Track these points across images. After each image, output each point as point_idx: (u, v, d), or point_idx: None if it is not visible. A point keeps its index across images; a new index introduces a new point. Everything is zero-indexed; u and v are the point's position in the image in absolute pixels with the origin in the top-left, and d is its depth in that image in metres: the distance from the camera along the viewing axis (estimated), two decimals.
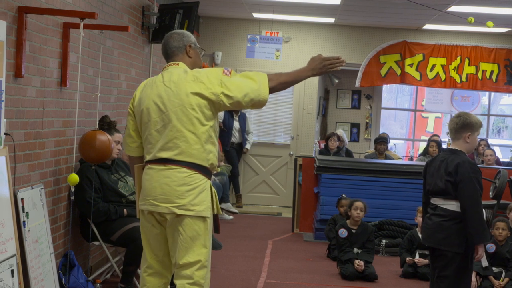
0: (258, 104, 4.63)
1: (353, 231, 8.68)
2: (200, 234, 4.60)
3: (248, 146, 13.44)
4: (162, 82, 4.67)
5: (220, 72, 4.62)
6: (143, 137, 4.77)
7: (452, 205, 5.58)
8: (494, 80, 13.74)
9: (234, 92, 4.57)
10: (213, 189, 4.70)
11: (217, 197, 4.73)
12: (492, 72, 13.74)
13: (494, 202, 9.95)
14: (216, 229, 5.45)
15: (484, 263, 7.21)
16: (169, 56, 4.81)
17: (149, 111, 4.67)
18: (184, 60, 4.79)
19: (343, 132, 13.48)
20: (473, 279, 7.58)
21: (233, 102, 4.59)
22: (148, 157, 4.72)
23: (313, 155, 11.97)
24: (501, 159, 14.18)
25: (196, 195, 4.59)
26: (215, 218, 4.89)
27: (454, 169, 5.53)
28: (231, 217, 11.98)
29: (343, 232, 8.63)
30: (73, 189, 6.24)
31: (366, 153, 13.26)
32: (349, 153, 12.92)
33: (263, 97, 4.61)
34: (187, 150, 4.58)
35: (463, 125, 5.69)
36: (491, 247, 8.16)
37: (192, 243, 4.58)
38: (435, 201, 5.72)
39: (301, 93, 14.00)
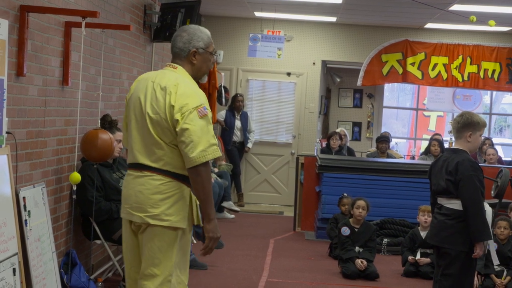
0: (185, 156, 4.23)
1: (356, 229, 8.68)
2: (169, 245, 4.33)
3: (249, 145, 13.43)
4: (152, 82, 4.41)
5: (195, 105, 4.27)
6: (128, 134, 4.55)
7: (455, 204, 5.60)
8: (496, 79, 13.74)
9: (187, 125, 4.22)
10: (193, 198, 4.41)
11: (198, 206, 4.43)
12: (494, 71, 13.74)
13: (496, 201, 9.96)
14: (202, 238, 5.30)
15: (495, 261, 7.18)
16: (172, 54, 4.55)
17: (134, 107, 4.45)
18: (185, 65, 4.48)
19: (345, 130, 13.47)
20: (475, 278, 7.58)
21: (179, 133, 4.24)
22: (128, 159, 4.53)
23: (315, 154, 11.95)
24: (503, 158, 14.18)
25: (171, 205, 4.33)
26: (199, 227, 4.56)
27: (454, 168, 5.55)
28: (232, 216, 11.98)
29: (346, 230, 8.63)
30: (74, 188, 6.25)
31: (368, 152, 13.26)
32: (351, 152, 12.91)
33: (196, 157, 4.20)
34: (163, 157, 4.32)
35: (465, 124, 5.70)
36: (494, 246, 8.16)
37: (160, 254, 4.32)
38: (440, 200, 5.75)
39: (303, 92, 14.00)
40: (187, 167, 4.26)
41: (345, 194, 9.92)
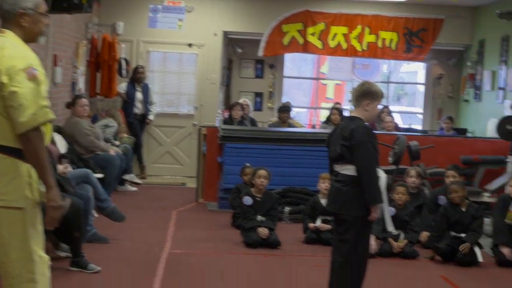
0: (15, 121, 3.95)
1: (258, 199, 8.73)
2: (18, 227, 4.05)
3: (151, 117, 13.31)
4: None
5: (22, 67, 3.99)
6: None
7: (349, 170, 5.68)
8: (393, 48, 14.00)
9: (15, 88, 3.94)
10: (32, 173, 4.07)
11: (37, 182, 4.11)
12: (391, 40, 13.99)
13: (394, 167, 10.19)
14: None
15: (389, 227, 7.37)
16: (1, 19, 4.19)
17: None
18: (14, 28, 4.13)
19: (247, 101, 13.49)
20: (373, 242, 7.76)
21: (7, 97, 3.95)
22: None
23: (217, 125, 11.95)
24: (401, 126, 14.52)
25: (7, 183, 4.01)
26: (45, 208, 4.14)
27: (349, 134, 5.63)
28: (135, 188, 11.90)
29: (248, 200, 8.67)
30: None
31: (270, 122, 13.33)
32: (253, 122, 12.96)
33: (26, 121, 3.92)
34: None
35: (364, 93, 5.79)
36: (391, 211, 8.36)
37: (10, 238, 4.04)
38: (336, 167, 5.82)
39: (204, 63, 13.94)
40: (17, 133, 3.97)
41: (247, 164, 9.96)
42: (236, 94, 15.08)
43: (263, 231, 8.37)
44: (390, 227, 6.24)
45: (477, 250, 8.01)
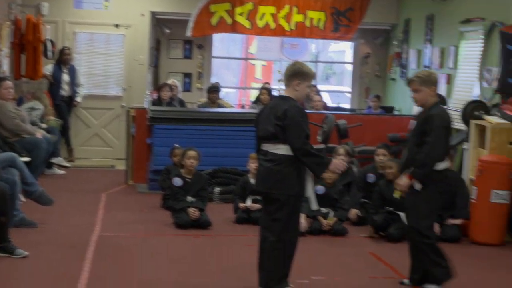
0: None
1: (188, 180, 8.71)
2: None
3: (78, 99, 13.13)
4: None
5: None
6: None
7: (281, 149, 5.73)
8: (321, 28, 14.05)
9: None
10: None
11: None
12: (319, 20, 14.04)
13: (322, 146, 10.29)
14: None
15: (314, 206, 7.43)
16: None
17: None
18: None
19: (175, 81, 13.42)
20: (303, 220, 7.83)
21: None
22: None
23: (146, 106, 11.86)
24: (330, 105, 14.65)
25: None
26: None
27: (282, 113, 5.68)
28: (63, 171, 11.75)
29: (178, 181, 8.65)
30: None
31: (199, 103, 13.29)
32: (182, 103, 12.90)
33: None
34: None
35: (294, 73, 5.85)
36: (320, 189, 8.46)
37: None
38: (266, 147, 5.85)
39: (131, 43, 13.80)
40: None
41: (176, 145, 9.92)
42: (165, 75, 14.97)
43: (193, 212, 8.36)
44: (314, 206, 6.31)
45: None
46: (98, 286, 6.02)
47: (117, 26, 13.76)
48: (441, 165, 6.12)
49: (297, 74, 5.84)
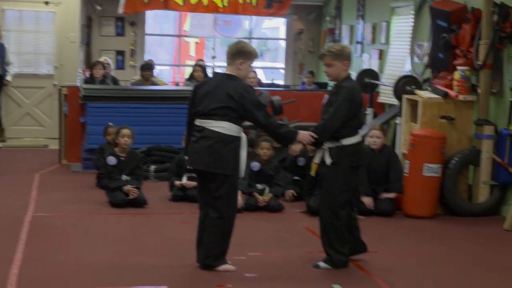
0: None
1: (122, 158, 8.64)
2: None
3: (9, 77, 12.88)
4: None
5: None
6: None
7: (224, 128, 5.74)
8: (254, 4, 14.00)
9: None
10: None
11: None
12: None
13: None
14: None
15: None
16: None
17: None
18: None
19: (108, 59, 13.26)
20: (239, 197, 7.84)
21: None
22: None
23: (78, 85, 11.70)
24: (264, 81, 14.68)
25: None
26: None
27: (238, 94, 5.73)
28: None
29: (112, 160, 8.58)
30: None
31: (133, 80, 13.18)
32: (115, 81, 12.76)
33: None
34: None
35: (237, 52, 5.88)
36: (256, 166, 8.49)
37: None
38: (202, 123, 5.81)
39: (62, 21, 13.57)
40: None
41: (110, 123, 9.83)
42: (97, 52, 14.77)
43: (133, 190, 8.30)
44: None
45: None
46: (33, 267, 5.94)
47: (46, 3, 13.52)
48: (351, 140, 6.01)
49: (241, 53, 5.88)
